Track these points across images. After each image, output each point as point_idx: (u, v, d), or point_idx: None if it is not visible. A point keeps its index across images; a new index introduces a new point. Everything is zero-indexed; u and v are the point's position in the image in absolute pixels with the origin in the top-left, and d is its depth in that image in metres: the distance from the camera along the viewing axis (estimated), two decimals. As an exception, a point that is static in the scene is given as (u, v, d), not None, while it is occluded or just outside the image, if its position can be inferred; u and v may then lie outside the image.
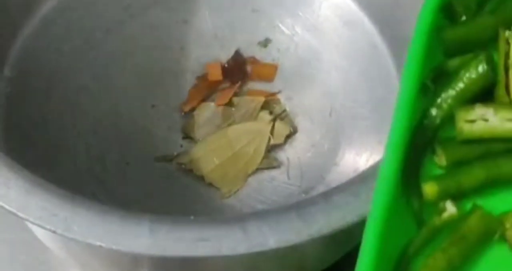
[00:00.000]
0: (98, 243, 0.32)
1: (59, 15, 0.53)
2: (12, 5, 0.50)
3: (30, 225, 0.47)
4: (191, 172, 0.49)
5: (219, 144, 0.51)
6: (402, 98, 0.28)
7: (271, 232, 0.33)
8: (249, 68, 0.54)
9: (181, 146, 0.51)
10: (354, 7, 0.54)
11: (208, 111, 0.52)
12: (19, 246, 0.50)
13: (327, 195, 0.34)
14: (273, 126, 0.51)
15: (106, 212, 0.33)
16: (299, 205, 0.34)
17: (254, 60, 0.54)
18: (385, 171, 0.26)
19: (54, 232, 0.33)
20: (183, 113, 0.52)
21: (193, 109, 0.52)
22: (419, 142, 0.28)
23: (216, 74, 0.53)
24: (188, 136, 0.51)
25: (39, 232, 0.46)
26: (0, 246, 0.51)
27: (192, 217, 0.34)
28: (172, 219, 0.33)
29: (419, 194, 0.27)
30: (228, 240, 0.33)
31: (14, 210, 0.33)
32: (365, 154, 0.49)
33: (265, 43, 0.55)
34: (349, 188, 0.34)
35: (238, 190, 0.49)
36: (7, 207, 0.33)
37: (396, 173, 0.26)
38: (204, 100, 0.52)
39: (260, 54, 0.54)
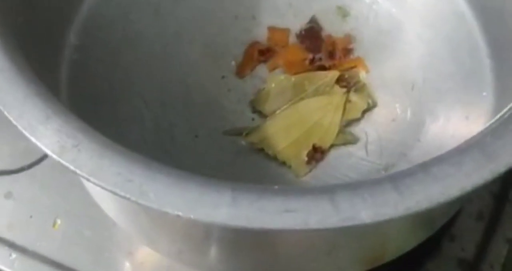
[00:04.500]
0: (176, 212, 0.30)
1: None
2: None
3: (96, 199, 0.45)
4: (262, 150, 0.47)
5: (291, 120, 0.48)
6: None
7: (364, 204, 0.30)
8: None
9: (253, 119, 0.48)
10: (439, -28, 0.51)
11: (279, 84, 0.49)
12: (85, 221, 0.49)
13: (425, 165, 0.31)
14: (349, 100, 0.48)
15: (185, 178, 0.30)
16: (394, 176, 0.31)
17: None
18: None
19: (128, 199, 0.30)
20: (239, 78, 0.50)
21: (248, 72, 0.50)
22: None
23: (281, 39, 0.51)
24: (257, 110, 0.49)
25: (105, 206, 0.44)
26: (65, 220, 0.49)
27: (276, 187, 0.31)
28: (255, 187, 0.30)
29: None
30: (316, 212, 0.30)
31: (85, 175, 0.31)
32: (450, 130, 0.46)
33: (343, 12, 0.51)
34: (450, 159, 0.31)
35: (313, 167, 0.46)
36: (78, 171, 0.31)
37: None
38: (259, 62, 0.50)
39: (337, 24, 0.51)
